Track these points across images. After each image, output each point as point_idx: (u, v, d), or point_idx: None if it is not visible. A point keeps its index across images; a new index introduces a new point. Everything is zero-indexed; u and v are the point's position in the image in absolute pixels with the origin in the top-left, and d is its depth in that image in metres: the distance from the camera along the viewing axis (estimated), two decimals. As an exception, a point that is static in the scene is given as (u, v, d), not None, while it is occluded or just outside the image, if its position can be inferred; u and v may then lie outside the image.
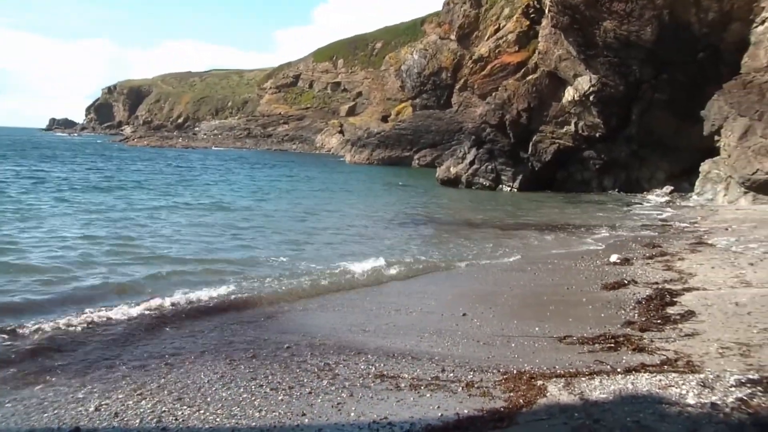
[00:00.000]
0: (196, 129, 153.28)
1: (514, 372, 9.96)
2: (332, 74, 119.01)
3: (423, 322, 13.14)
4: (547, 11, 45.84)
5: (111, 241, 21.51)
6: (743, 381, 8.41)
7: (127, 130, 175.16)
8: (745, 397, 7.75)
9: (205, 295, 14.65)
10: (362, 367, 10.32)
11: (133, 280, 16.15)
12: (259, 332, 12.27)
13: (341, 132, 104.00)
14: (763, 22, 36.09)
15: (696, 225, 27.57)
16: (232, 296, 14.87)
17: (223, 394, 9.09)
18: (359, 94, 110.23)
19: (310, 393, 9.14)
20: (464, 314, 13.73)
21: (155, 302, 13.92)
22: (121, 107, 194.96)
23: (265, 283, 16.25)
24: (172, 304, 13.92)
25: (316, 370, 10.16)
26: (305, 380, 9.65)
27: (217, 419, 8.28)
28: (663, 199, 40.43)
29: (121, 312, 13.12)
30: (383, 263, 19.04)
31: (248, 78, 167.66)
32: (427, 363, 10.51)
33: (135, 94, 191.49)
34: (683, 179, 42.69)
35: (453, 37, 75.92)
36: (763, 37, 35.85)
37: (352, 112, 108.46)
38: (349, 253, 21.22)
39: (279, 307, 14.24)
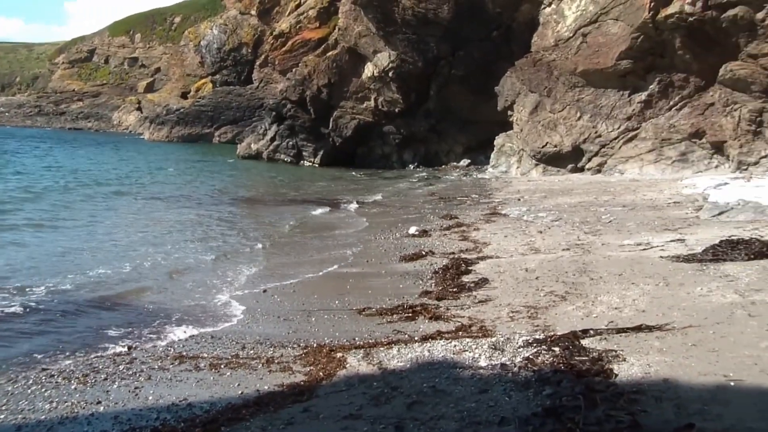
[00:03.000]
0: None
1: (315, 346, 9.95)
2: (129, 49, 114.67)
3: (206, 297, 13.09)
4: (347, -13, 46.08)
5: None
6: (530, 341, 8.74)
7: None
8: (531, 356, 8.04)
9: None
10: (161, 349, 10.05)
11: None
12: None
13: (139, 109, 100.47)
14: (550, 4, 37.66)
15: (491, 196, 28.57)
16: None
17: (9, 388, 8.56)
18: (158, 70, 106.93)
19: (105, 379, 8.78)
20: (264, 290, 13.65)
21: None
22: None
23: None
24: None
25: (112, 355, 9.81)
26: (100, 366, 9.27)
27: (1, 416, 7.74)
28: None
29: None
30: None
31: (38, 52, 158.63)
32: (227, 341, 10.36)
33: None
34: (480, 152, 44.11)
35: (254, 12, 74.91)
36: (550, 18, 37.43)
37: (150, 88, 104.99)
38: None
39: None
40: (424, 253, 16.34)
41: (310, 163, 48.53)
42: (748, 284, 10.62)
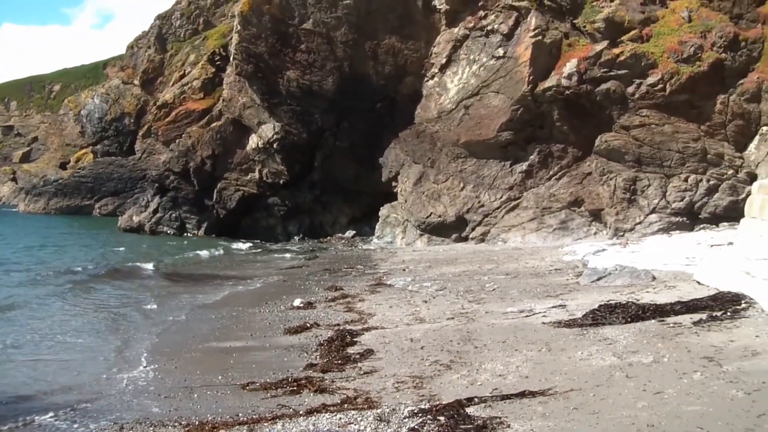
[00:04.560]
0: None
1: (196, 423, 9.65)
2: (4, 117, 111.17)
3: (82, 377, 12.58)
4: (231, 59, 45.96)
5: None
6: (415, 411, 8.65)
7: None
8: (416, 426, 7.95)
9: None
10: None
11: None
12: None
13: (14, 180, 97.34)
14: (432, 77, 38.56)
15: (376, 267, 28.59)
16: None
17: None
18: (35, 139, 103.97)
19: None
20: (145, 367, 13.22)
21: None
22: None
23: None
24: None
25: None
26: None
27: None
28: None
29: None
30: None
31: None
32: (105, 422, 9.94)
33: None
34: (365, 223, 44.24)
35: (137, 82, 73.97)
36: (433, 90, 38.27)
37: (26, 158, 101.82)
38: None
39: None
40: (309, 325, 16.14)
41: (194, 235, 47.73)
42: (625, 346, 10.91)
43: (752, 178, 28.72)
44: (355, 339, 14.09)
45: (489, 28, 35.80)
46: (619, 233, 31.25)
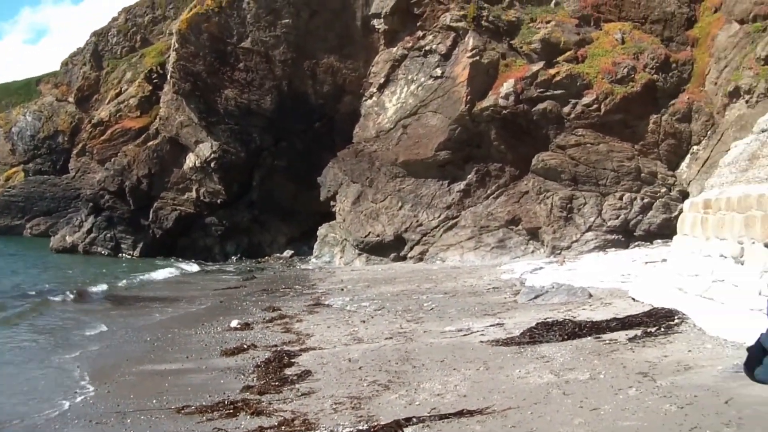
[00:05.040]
0: None
1: (128, 450, 9.43)
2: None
3: (7, 407, 12.12)
4: (169, 77, 45.55)
5: None
6: (353, 433, 8.59)
7: None
8: (353, 448, 7.89)
9: None
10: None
11: None
12: None
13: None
14: (371, 96, 38.66)
15: (314, 287, 28.43)
16: None
17: None
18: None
19: None
20: (76, 392, 12.88)
21: None
22: None
23: None
24: None
25: None
26: None
27: None
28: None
29: None
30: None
31: None
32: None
33: None
34: (303, 243, 44.02)
35: (71, 99, 72.73)
36: (371, 110, 38.36)
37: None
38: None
39: None
40: (246, 346, 15.89)
41: (129, 256, 46.98)
42: (562, 364, 10.97)
43: (684, 195, 29.29)
44: (292, 360, 13.92)
45: (427, 48, 36.06)
46: (556, 251, 31.58)
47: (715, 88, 32.00)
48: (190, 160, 45.18)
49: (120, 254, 47.38)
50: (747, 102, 29.63)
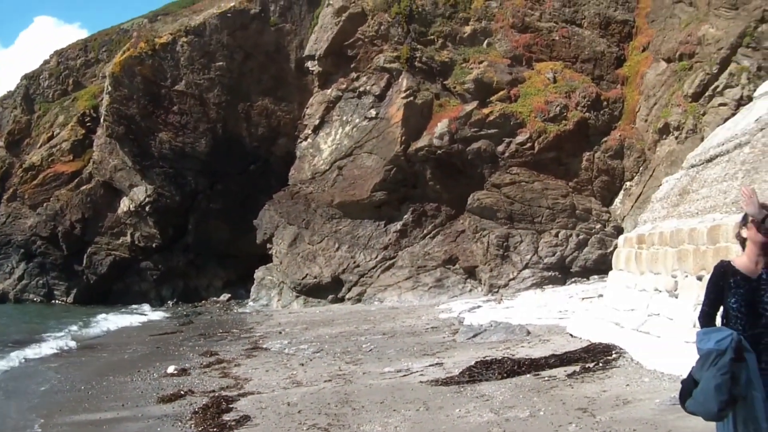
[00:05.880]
0: None
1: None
2: None
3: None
4: (102, 120, 44.99)
5: None
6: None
7: None
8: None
9: None
10: None
11: None
12: None
13: None
14: (306, 138, 38.68)
15: (252, 330, 28.11)
16: None
17: None
18: None
19: None
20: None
21: None
22: None
23: None
24: None
25: None
26: None
27: None
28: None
29: None
30: None
31: None
32: None
33: None
34: (240, 286, 43.52)
35: (2, 143, 71.44)
36: (306, 151, 38.36)
37: None
38: None
39: None
40: (183, 392, 15.57)
41: (62, 302, 46.03)
42: (502, 402, 10.98)
43: (619, 231, 29.69)
44: (231, 405, 13.68)
45: (361, 89, 36.26)
46: (494, 289, 31.70)
47: (645, 124, 32.68)
48: (125, 204, 44.63)
49: (53, 300, 46.46)
50: (676, 138, 30.30)
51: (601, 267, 29.57)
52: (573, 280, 31.44)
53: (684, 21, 32.32)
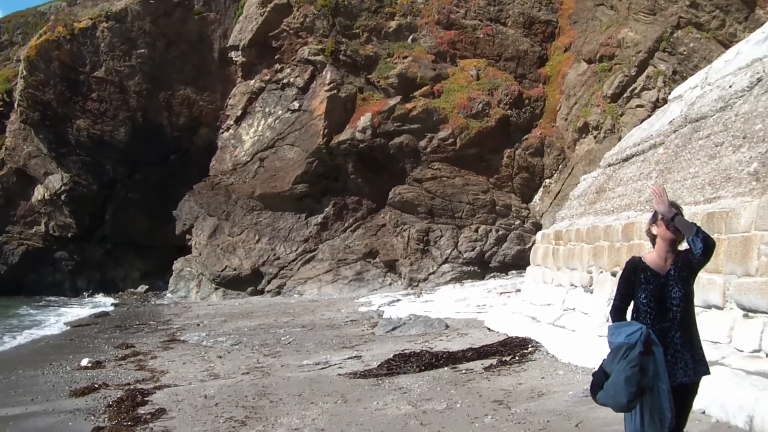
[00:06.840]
0: None
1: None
2: None
3: None
4: (16, 105, 43.77)
5: None
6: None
7: None
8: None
9: None
10: None
11: None
12: None
13: None
14: (228, 129, 38.29)
15: (170, 323, 27.72)
16: None
17: None
18: None
19: None
20: None
21: None
22: None
23: None
24: None
25: None
26: None
27: None
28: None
29: None
30: None
31: None
32: None
33: None
34: (158, 277, 42.86)
35: None
36: (228, 142, 37.98)
37: None
38: None
39: None
40: (97, 385, 15.22)
41: (-27, 293, 44.73)
42: (420, 395, 11.04)
43: (537, 227, 30.20)
44: (146, 398, 13.44)
45: (285, 81, 36.08)
46: (414, 283, 31.89)
47: (565, 123, 33.25)
48: (39, 193, 43.51)
49: (-38, 292, 45.03)
50: (595, 137, 30.93)
51: (520, 262, 29.98)
52: (492, 274, 31.81)
53: (605, 24, 33.00)
